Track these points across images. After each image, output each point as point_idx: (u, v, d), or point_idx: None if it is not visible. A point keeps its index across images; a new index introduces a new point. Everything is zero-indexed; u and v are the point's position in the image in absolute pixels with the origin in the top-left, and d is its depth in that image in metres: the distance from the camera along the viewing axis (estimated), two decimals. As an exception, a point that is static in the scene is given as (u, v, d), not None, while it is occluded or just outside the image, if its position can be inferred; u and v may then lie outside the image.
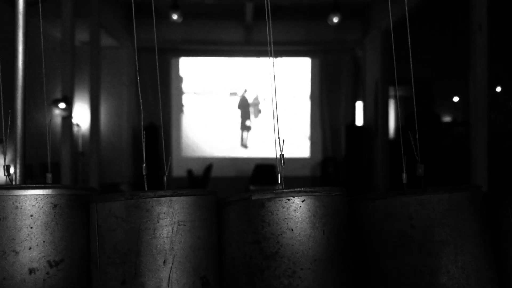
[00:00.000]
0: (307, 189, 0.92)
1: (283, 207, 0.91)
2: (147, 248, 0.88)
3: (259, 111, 9.63)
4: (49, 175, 1.12)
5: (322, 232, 0.91)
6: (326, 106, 9.57)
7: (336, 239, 0.92)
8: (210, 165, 8.38)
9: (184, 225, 0.90)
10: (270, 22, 0.98)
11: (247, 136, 9.64)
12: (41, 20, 1.16)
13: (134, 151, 8.61)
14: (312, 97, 9.65)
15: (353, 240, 1.00)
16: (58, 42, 6.19)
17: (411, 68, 1.02)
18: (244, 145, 9.65)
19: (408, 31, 1.03)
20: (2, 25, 4.74)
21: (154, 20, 1.07)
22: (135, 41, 1.07)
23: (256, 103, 9.61)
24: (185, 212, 0.91)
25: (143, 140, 0.99)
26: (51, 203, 0.94)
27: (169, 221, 0.90)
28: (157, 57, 1.17)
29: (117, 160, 8.38)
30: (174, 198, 0.90)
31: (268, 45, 1.00)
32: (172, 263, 0.89)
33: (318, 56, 9.60)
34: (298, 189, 0.91)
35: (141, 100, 1.12)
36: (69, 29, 5.60)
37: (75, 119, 6.75)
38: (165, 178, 0.99)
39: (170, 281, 0.88)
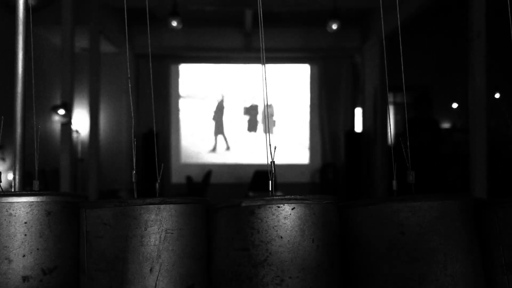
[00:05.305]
0: (298, 197, 0.91)
1: (273, 215, 0.90)
2: (134, 256, 0.88)
3: (274, 124, 9.50)
4: (36, 182, 1.12)
5: (311, 241, 0.90)
6: (325, 112, 9.57)
7: (325, 248, 0.92)
8: (209, 171, 8.37)
9: (172, 233, 0.90)
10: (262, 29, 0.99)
11: (221, 140, 9.54)
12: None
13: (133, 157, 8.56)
14: (311, 103, 9.65)
15: (344, 247, 0.99)
16: (58, 49, 6.20)
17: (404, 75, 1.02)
18: (214, 150, 9.52)
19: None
20: (2, 32, 4.76)
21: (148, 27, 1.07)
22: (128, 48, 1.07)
23: (270, 113, 9.49)
24: (173, 220, 0.90)
25: (134, 147, 0.99)
26: (45, 210, 0.94)
27: (157, 229, 0.89)
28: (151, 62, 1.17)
29: (117, 166, 8.37)
30: (162, 206, 0.89)
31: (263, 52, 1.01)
32: (159, 271, 0.88)
33: (317, 62, 9.61)
34: (289, 197, 0.91)
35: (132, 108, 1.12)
36: (69, 36, 5.61)
37: (74, 126, 6.75)
38: (157, 185, 0.99)
39: None
